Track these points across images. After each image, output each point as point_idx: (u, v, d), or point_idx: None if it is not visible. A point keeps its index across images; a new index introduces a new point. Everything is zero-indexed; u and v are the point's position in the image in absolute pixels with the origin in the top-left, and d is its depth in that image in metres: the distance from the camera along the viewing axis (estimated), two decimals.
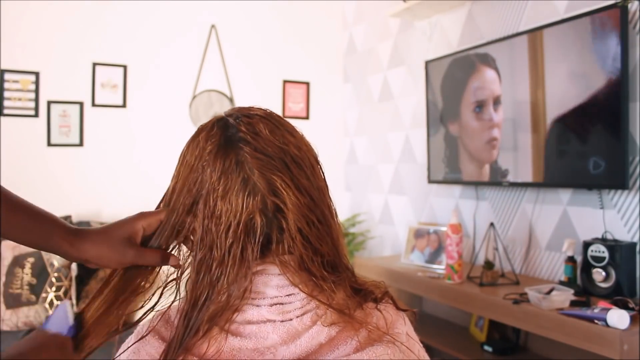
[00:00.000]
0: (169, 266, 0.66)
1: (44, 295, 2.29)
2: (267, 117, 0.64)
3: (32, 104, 2.81)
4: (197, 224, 0.60)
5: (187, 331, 0.58)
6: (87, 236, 0.62)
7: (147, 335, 0.61)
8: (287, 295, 0.60)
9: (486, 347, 2.12)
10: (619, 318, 1.46)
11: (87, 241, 0.62)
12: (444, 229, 2.36)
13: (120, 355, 0.61)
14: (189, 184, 0.61)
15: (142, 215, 0.65)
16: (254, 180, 0.59)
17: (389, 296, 0.66)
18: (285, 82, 3.44)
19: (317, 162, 0.66)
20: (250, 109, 0.65)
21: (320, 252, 0.60)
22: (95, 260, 0.62)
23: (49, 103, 2.84)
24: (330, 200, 0.65)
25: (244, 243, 0.58)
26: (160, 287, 0.65)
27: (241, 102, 3.26)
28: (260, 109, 0.66)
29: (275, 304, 0.59)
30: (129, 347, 0.61)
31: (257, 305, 0.60)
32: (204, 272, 0.59)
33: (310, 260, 0.59)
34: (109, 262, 0.62)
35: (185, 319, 0.58)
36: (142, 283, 0.65)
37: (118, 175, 2.97)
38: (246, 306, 0.60)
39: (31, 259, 2.35)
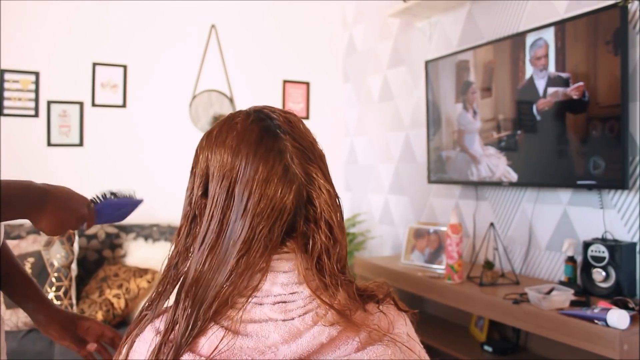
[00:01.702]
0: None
1: None
2: (294, 114, 0.67)
3: (32, 104, 2.81)
4: (218, 208, 0.61)
5: (197, 318, 0.58)
6: None
7: (147, 334, 0.61)
8: (290, 294, 0.60)
9: (486, 347, 2.12)
10: (619, 318, 1.46)
11: None
12: (444, 229, 2.36)
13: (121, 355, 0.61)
14: (225, 168, 0.61)
15: None
16: (294, 169, 0.61)
17: (390, 297, 0.66)
18: (285, 82, 3.44)
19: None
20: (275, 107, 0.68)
21: (340, 244, 0.62)
22: None
23: (49, 103, 2.84)
24: None
25: (272, 228, 0.59)
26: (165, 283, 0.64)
27: (241, 102, 3.26)
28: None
29: (279, 303, 0.59)
30: (129, 347, 0.61)
31: (260, 304, 0.60)
32: (225, 254, 0.59)
33: (327, 252, 0.61)
34: None
35: (196, 305, 0.58)
36: None
37: (118, 175, 2.97)
38: (248, 304, 0.59)
39: (31, 259, 2.35)
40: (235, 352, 0.56)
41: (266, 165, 0.60)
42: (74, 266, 2.41)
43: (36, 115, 2.82)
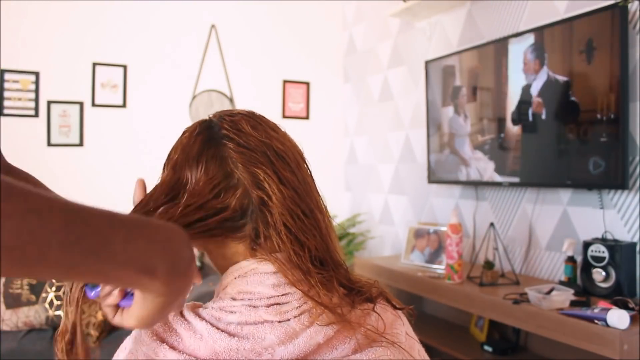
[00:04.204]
0: None
1: (44, 295, 2.29)
2: (250, 115, 0.65)
3: (32, 104, 2.81)
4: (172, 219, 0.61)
5: None
6: None
7: (143, 335, 0.61)
8: (283, 295, 0.60)
9: (486, 347, 2.12)
10: (619, 318, 1.46)
11: None
12: (444, 229, 2.36)
13: (117, 356, 0.61)
14: (172, 183, 0.61)
15: None
16: (238, 174, 0.60)
17: (383, 296, 0.65)
18: (285, 82, 3.44)
19: (303, 159, 0.66)
20: (233, 110, 0.67)
21: (308, 246, 0.60)
22: None
23: (49, 103, 2.84)
24: (319, 195, 0.66)
25: (225, 236, 0.60)
26: None
27: (241, 102, 3.26)
28: (243, 110, 0.67)
29: (273, 305, 0.59)
30: (126, 348, 0.61)
31: (254, 306, 0.59)
32: None
33: (296, 254, 0.59)
34: None
35: None
36: None
37: (118, 175, 2.97)
38: (243, 307, 0.59)
39: None
40: (232, 354, 0.56)
41: (207, 174, 0.59)
42: None
43: (36, 115, 2.82)
